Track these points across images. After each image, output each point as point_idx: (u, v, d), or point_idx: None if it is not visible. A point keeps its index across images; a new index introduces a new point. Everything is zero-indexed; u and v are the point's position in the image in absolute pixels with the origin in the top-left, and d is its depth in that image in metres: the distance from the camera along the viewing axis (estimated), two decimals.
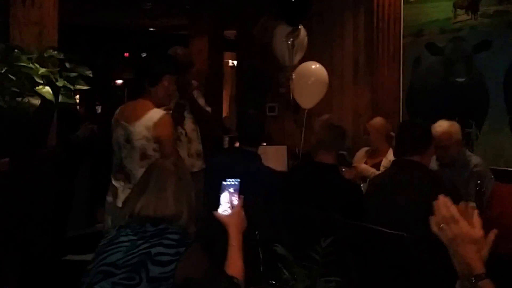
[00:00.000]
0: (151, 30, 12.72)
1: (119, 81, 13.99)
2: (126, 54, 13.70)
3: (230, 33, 8.66)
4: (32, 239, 3.00)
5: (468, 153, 4.21)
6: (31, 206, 2.95)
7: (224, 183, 2.40)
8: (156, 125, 3.08)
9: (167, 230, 2.08)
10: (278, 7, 6.04)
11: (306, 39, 6.09)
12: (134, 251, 2.03)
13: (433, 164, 4.16)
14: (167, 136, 3.13)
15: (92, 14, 10.60)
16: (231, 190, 2.37)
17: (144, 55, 13.47)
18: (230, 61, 11.70)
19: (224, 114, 8.82)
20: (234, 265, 2.19)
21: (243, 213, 2.38)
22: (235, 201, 2.36)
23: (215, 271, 2.10)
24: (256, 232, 3.18)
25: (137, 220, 2.13)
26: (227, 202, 2.36)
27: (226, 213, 2.34)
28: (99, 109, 9.64)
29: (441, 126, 4.09)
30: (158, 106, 3.20)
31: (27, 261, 3.01)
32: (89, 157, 5.95)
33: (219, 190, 2.40)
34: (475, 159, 4.14)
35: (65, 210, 5.27)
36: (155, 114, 3.11)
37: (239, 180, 2.41)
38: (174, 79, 3.22)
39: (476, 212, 1.61)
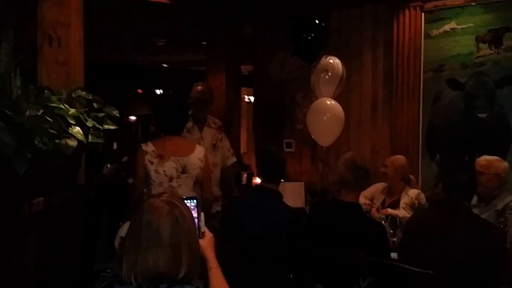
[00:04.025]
0: (164, 66, 12.81)
1: (133, 118, 14.00)
2: (139, 91, 13.78)
3: (246, 69, 8.68)
4: (64, 273, 2.99)
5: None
6: (63, 243, 2.96)
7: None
8: None
9: None
10: (293, 43, 6.04)
11: (341, 70, 5.77)
12: None
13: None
14: None
15: (105, 51, 10.69)
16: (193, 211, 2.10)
17: (159, 92, 13.58)
18: (246, 97, 11.72)
19: (242, 150, 8.79)
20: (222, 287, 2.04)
21: (211, 234, 2.22)
22: (199, 221, 2.13)
23: None
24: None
25: (141, 282, 1.79)
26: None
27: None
28: (114, 145, 9.69)
29: (487, 157, 4.14)
30: None
31: None
32: (108, 195, 6.05)
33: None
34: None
35: (92, 246, 5.58)
36: None
37: (196, 198, 2.23)
38: None
39: None
